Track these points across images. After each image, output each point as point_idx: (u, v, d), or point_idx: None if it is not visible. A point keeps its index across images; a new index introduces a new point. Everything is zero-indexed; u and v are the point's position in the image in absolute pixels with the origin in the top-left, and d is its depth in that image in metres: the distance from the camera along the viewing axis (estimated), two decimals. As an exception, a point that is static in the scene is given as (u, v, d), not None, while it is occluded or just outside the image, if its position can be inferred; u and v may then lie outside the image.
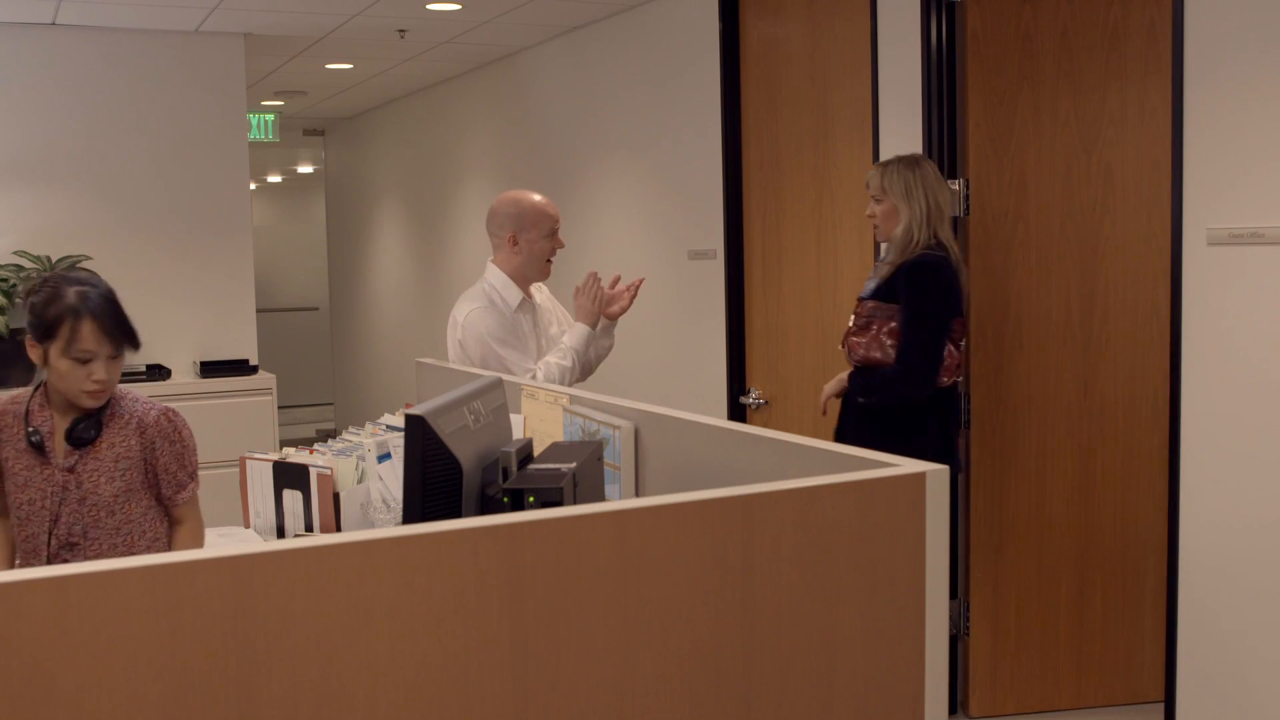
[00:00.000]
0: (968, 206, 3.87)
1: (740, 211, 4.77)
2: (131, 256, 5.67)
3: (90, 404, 2.55)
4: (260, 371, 5.81)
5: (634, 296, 3.58)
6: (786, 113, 4.52)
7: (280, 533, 2.89)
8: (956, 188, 3.85)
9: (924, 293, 3.30)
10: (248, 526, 3.00)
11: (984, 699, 3.98)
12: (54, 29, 5.51)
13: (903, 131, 3.93)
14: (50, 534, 2.60)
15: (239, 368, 5.73)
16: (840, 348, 3.52)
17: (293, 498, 2.85)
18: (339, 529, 2.76)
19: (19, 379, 5.38)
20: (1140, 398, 3.97)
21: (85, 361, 2.49)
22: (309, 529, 2.83)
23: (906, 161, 3.43)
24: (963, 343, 3.41)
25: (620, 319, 3.61)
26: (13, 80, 5.48)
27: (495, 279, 3.57)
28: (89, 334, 2.48)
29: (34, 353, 2.53)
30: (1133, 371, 3.96)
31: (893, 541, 1.45)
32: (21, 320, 5.34)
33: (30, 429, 2.57)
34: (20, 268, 5.38)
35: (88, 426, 2.58)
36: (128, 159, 5.70)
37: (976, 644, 3.96)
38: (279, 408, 5.76)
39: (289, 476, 2.85)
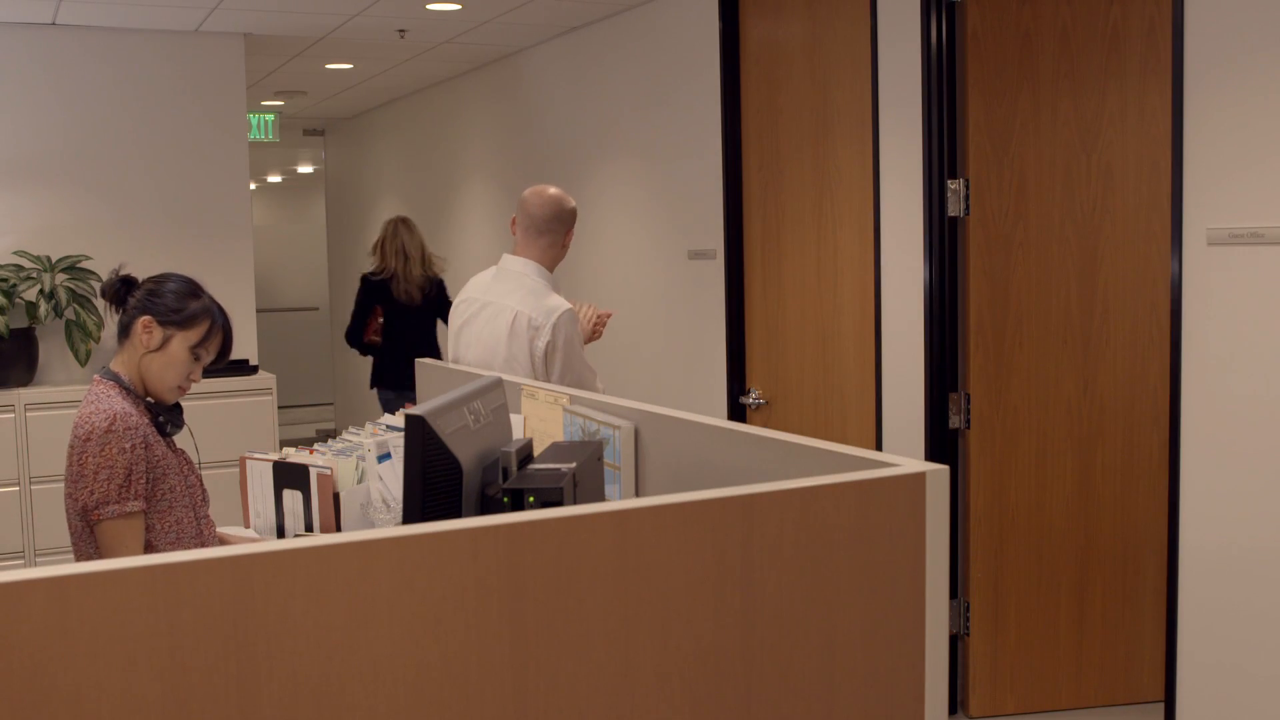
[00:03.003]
0: (968, 206, 3.87)
1: (740, 211, 4.77)
2: (131, 256, 5.58)
3: (174, 398, 2.69)
4: (260, 371, 5.80)
5: (603, 327, 3.58)
6: (786, 113, 4.52)
7: (280, 533, 2.89)
8: (956, 187, 3.85)
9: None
10: (248, 526, 3.01)
11: (984, 699, 3.98)
12: (54, 29, 5.51)
13: (903, 131, 3.93)
14: (196, 515, 2.70)
15: (239, 368, 5.71)
16: None
17: (293, 498, 2.85)
18: (339, 529, 2.76)
19: (19, 379, 5.39)
20: (1140, 398, 3.97)
21: (196, 360, 2.65)
22: (309, 529, 2.83)
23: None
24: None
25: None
26: (13, 80, 5.48)
27: (546, 278, 3.33)
28: (216, 342, 2.69)
29: (152, 334, 2.61)
30: (1133, 371, 3.96)
31: (893, 541, 1.45)
32: (21, 320, 5.38)
33: (160, 419, 2.65)
34: (20, 268, 5.38)
35: (175, 419, 2.69)
36: (128, 159, 5.70)
37: (976, 644, 3.96)
38: (279, 408, 5.75)
39: (289, 476, 2.85)
